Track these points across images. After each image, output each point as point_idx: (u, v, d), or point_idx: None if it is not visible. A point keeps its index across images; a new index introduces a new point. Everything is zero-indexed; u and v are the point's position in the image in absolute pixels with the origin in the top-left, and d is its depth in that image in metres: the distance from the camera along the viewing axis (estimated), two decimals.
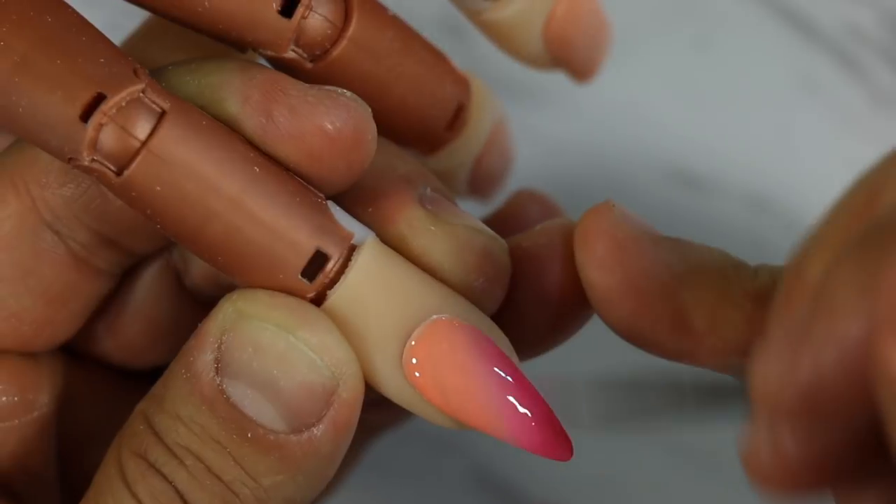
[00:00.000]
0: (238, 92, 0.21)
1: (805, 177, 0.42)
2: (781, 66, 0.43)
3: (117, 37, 0.24)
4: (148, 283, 0.25)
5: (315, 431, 0.21)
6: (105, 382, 0.26)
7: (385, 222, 0.22)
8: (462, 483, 0.39)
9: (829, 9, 0.43)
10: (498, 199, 0.29)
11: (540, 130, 0.42)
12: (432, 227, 0.22)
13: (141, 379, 0.25)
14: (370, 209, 0.22)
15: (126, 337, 0.26)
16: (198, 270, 0.25)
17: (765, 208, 0.42)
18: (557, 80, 0.30)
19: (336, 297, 0.21)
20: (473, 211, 0.25)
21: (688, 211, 0.42)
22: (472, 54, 0.27)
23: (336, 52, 0.23)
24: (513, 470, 0.39)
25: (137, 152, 0.20)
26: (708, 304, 0.22)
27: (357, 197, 0.23)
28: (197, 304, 0.25)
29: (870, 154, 0.44)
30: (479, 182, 0.28)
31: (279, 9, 0.22)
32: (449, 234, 0.22)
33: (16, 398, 0.24)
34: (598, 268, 0.22)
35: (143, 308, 0.25)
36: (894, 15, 0.43)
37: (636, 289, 0.22)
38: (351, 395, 0.21)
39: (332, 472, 0.22)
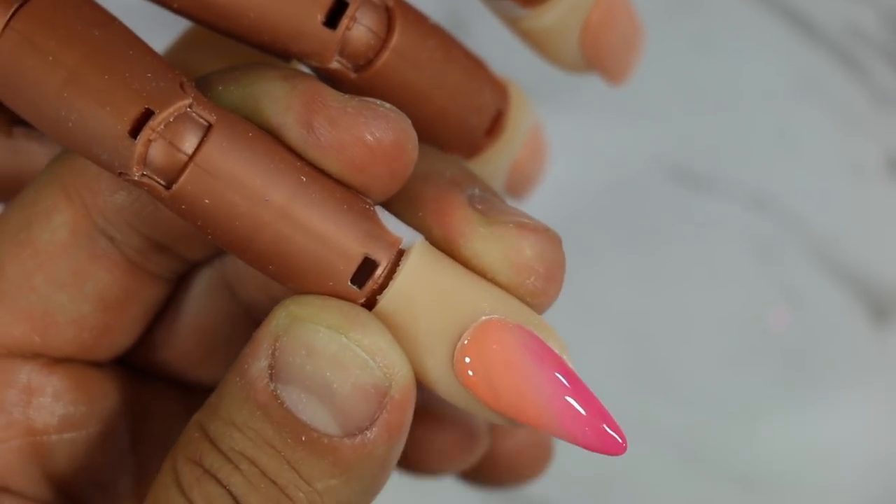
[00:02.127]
0: (279, 102, 0.21)
1: (805, 176, 0.42)
2: (782, 66, 0.43)
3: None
4: (202, 296, 0.26)
5: (368, 435, 0.21)
6: (169, 398, 0.26)
7: (436, 226, 0.22)
8: (462, 482, 0.39)
9: (830, 8, 0.43)
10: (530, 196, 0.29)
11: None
12: (482, 229, 0.22)
13: (205, 394, 0.25)
14: (420, 213, 0.23)
15: (182, 349, 0.26)
16: (251, 282, 0.25)
17: (765, 207, 0.42)
18: (557, 80, 0.30)
19: (386, 300, 0.21)
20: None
21: (688, 210, 0.42)
22: (475, 52, 0.27)
23: (380, 62, 0.23)
24: None
25: (185, 166, 0.21)
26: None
27: (406, 202, 0.23)
28: (250, 317, 0.25)
29: (869, 153, 0.44)
30: (516, 184, 0.28)
31: (324, 20, 0.23)
32: (501, 234, 0.22)
33: (84, 408, 0.24)
34: None
35: (197, 320, 0.26)
36: (894, 14, 0.43)
37: None
38: (403, 396, 0.21)
39: (387, 476, 0.22)
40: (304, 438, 0.21)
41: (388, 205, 0.23)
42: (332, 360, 0.21)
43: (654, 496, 0.39)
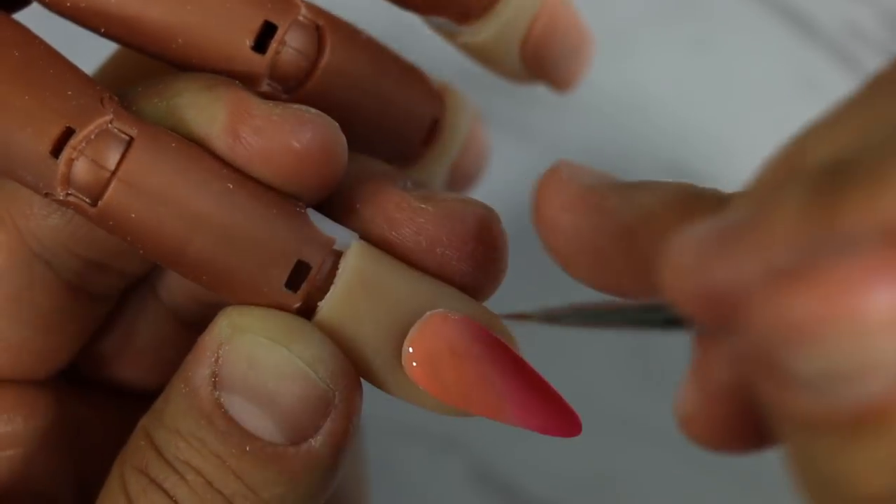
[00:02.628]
0: (204, 113, 0.21)
1: None
2: (781, 65, 0.43)
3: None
4: (136, 307, 0.25)
5: (313, 443, 0.21)
6: (115, 407, 0.26)
7: (374, 213, 0.22)
8: (462, 482, 0.39)
9: (829, 7, 0.43)
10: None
11: (539, 128, 0.42)
12: (423, 205, 0.22)
13: (142, 401, 0.25)
14: (358, 206, 0.22)
15: (115, 358, 0.26)
16: (176, 288, 0.25)
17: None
18: None
19: (328, 305, 0.21)
20: None
21: None
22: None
23: (311, 83, 0.23)
24: (513, 468, 0.39)
25: (108, 182, 0.20)
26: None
27: (340, 201, 0.23)
28: (177, 320, 0.25)
29: None
30: (456, 187, 0.28)
31: (252, 45, 0.23)
32: (442, 206, 0.22)
33: (20, 426, 0.24)
34: (551, 234, 0.21)
35: (134, 331, 0.26)
36: (893, 13, 0.43)
37: (590, 247, 0.21)
38: (348, 405, 0.21)
39: (333, 483, 0.22)
40: (248, 448, 0.21)
41: (322, 207, 0.22)
42: (275, 371, 0.21)
43: (655, 496, 0.39)
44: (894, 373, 0.14)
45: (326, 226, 0.22)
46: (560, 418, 0.22)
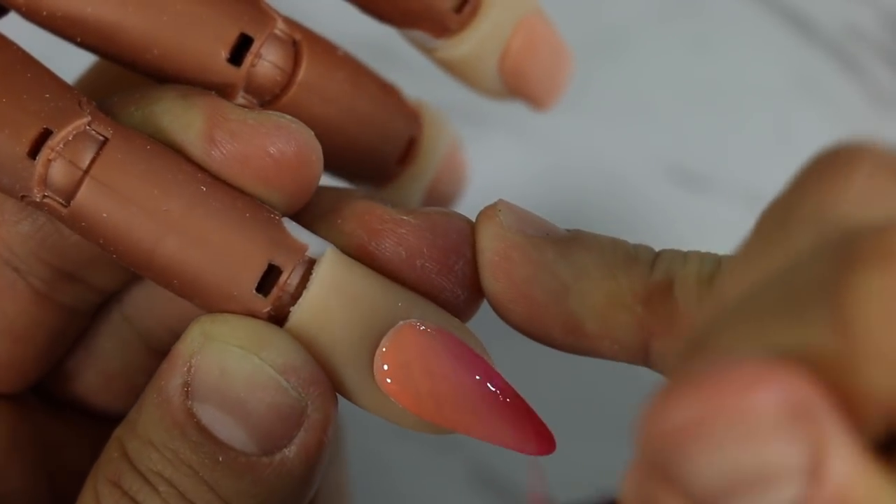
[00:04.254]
0: (180, 119, 0.21)
1: None
2: (780, 66, 0.43)
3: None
4: (107, 333, 0.25)
5: (287, 453, 0.21)
6: (91, 430, 0.26)
7: (356, 226, 0.22)
8: (462, 483, 0.39)
9: (829, 8, 0.43)
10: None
11: (539, 130, 0.42)
12: (405, 217, 0.22)
13: (112, 425, 0.25)
14: (339, 222, 0.22)
15: (84, 379, 0.25)
16: (148, 314, 0.25)
17: (764, 206, 0.42)
18: None
19: (300, 312, 0.21)
20: None
21: (687, 210, 0.42)
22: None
23: (286, 97, 0.23)
24: (513, 469, 0.39)
25: (81, 180, 0.20)
26: (597, 309, 0.21)
27: (323, 219, 0.23)
28: (148, 348, 0.25)
29: None
30: (432, 206, 0.28)
31: (228, 57, 0.22)
32: (424, 218, 0.22)
33: None
34: (488, 275, 0.22)
35: (104, 356, 0.25)
36: (893, 15, 0.43)
37: (524, 296, 0.21)
38: (321, 415, 0.21)
39: (308, 493, 0.22)
40: (221, 458, 0.21)
41: (302, 223, 0.22)
42: (246, 380, 0.21)
43: None
44: (800, 478, 0.13)
45: (303, 236, 0.22)
46: (534, 437, 0.21)
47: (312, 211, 0.22)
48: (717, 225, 0.42)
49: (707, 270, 0.21)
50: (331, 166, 0.22)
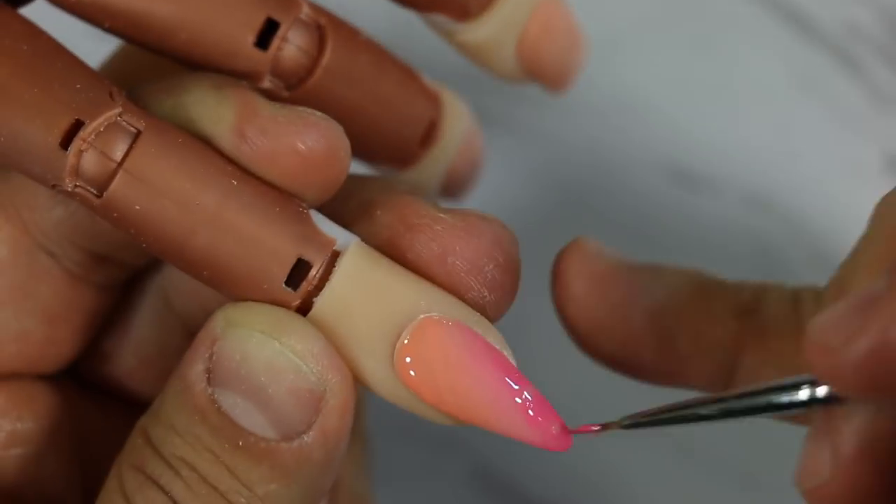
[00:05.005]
0: (211, 112, 0.21)
1: (804, 176, 0.42)
2: (780, 65, 0.43)
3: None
4: (144, 309, 0.26)
5: (306, 439, 0.21)
6: (116, 414, 0.26)
7: (393, 219, 0.22)
8: (462, 483, 0.39)
9: (829, 8, 0.43)
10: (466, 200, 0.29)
11: (540, 129, 0.42)
12: (442, 214, 0.22)
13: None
14: (378, 212, 0.23)
15: (126, 362, 0.26)
16: (188, 297, 0.25)
17: (764, 207, 0.42)
18: None
19: (322, 302, 0.21)
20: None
21: (687, 210, 0.42)
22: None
23: (312, 80, 0.24)
24: (513, 469, 0.39)
25: (115, 173, 0.21)
26: (692, 326, 0.22)
27: (360, 208, 0.23)
28: (187, 332, 0.25)
29: (869, 153, 0.44)
30: (451, 189, 0.29)
31: (255, 41, 0.23)
32: (461, 218, 0.22)
33: (30, 425, 0.24)
34: (577, 306, 0.23)
35: (139, 334, 0.26)
36: (893, 14, 0.43)
37: (620, 320, 0.22)
38: (339, 401, 0.21)
39: (328, 480, 0.22)
40: (241, 443, 0.21)
41: (337, 212, 0.22)
42: (266, 365, 0.21)
43: (655, 496, 0.39)
44: None
45: (328, 228, 0.22)
46: (551, 433, 0.21)
47: (351, 199, 0.23)
48: (717, 225, 0.42)
49: (789, 292, 0.23)
50: (354, 149, 0.22)
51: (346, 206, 0.23)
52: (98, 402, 0.26)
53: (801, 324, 0.22)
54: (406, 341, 0.21)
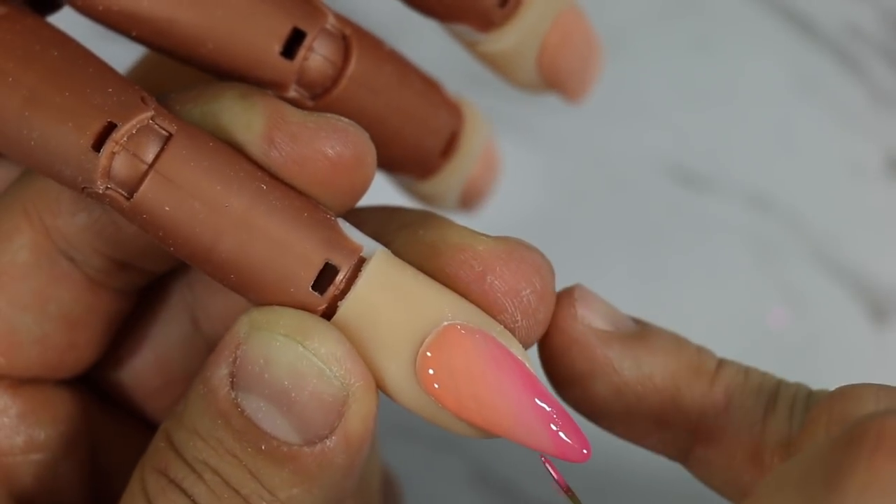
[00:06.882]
0: (240, 119, 0.22)
1: (805, 175, 0.42)
2: (781, 65, 0.43)
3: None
4: (166, 324, 0.26)
5: (328, 443, 0.21)
6: (130, 428, 0.26)
7: (437, 237, 0.22)
8: (462, 483, 0.39)
9: (829, 8, 0.43)
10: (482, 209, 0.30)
11: (540, 129, 0.42)
12: (485, 237, 0.22)
13: None
14: (420, 231, 0.23)
15: (144, 374, 0.26)
16: (214, 315, 0.25)
17: (765, 207, 0.42)
18: None
19: (346, 307, 0.21)
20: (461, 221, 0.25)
21: (688, 210, 0.42)
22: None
23: (337, 90, 0.24)
24: (513, 469, 0.39)
25: (145, 174, 0.21)
26: (654, 413, 0.23)
27: (404, 226, 0.23)
28: (210, 349, 0.26)
29: (869, 153, 0.44)
30: (469, 199, 0.29)
31: (281, 50, 0.23)
32: (504, 242, 0.22)
33: (49, 430, 0.24)
34: (551, 357, 0.24)
35: (160, 348, 0.26)
36: (894, 14, 0.43)
37: (583, 390, 0.23)
38: (362, 406, 0.21)
39: (350, 484, 0.22)
40: (264, 447, 0.21)
41: (380, 232, 0.23)
42: (290, 369, 0.21)
43: (655, 496, 0.39)
44: None
45: (354, 235, 0.22)
46: (572, 444, 0.22)
47: (392, 222, 0.23)
48: (717, 225, 0.42)
49: (767, 388, 0.23)
50: (377, 158, 0.22)
51: (387, 227, 0.23)
52: (109, 411, 0.26)
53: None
54: (428, 349, 0.21)
